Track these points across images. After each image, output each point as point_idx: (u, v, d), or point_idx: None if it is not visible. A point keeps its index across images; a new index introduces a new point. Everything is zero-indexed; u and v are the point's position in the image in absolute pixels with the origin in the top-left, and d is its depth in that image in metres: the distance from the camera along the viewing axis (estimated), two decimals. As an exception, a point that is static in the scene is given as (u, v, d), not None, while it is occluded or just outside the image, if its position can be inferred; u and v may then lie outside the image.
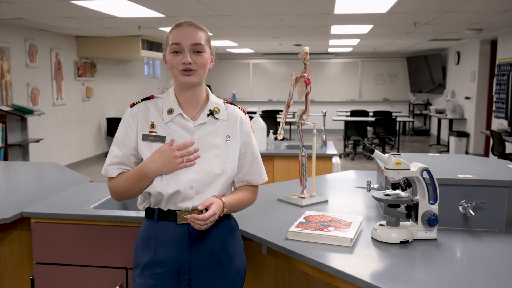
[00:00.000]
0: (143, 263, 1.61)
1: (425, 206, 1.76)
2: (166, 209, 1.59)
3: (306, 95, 2.27)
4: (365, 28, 7.32)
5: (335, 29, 7.42)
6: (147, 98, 1.66)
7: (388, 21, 6.48)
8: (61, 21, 6.29)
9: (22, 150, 6.55)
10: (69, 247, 2.15)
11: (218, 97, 1.73)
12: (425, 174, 1.77)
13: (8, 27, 6.49)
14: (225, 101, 1.71)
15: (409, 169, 1.75)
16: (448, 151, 9.91)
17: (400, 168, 1.73)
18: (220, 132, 1.64)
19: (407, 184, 1.79)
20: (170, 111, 1.61)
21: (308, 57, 2.21)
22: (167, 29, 7.57)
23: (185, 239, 1.58)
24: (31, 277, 2.19)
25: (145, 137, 1.61)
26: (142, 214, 2.10)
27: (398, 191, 1.80)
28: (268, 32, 7.86)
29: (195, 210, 1.58)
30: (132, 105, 1.65)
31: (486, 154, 9.00)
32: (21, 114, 6.25)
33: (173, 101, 1.63)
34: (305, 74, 2.24)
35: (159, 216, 1.60)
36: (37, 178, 3.03)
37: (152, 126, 1.61)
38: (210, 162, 1.59)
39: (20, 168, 3.32)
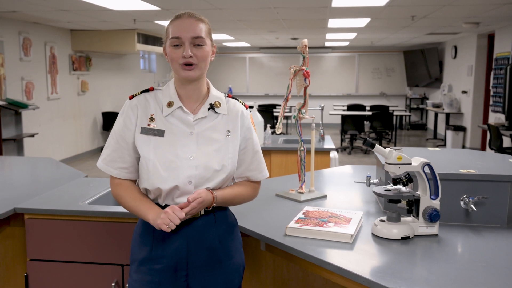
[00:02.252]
0: (140, 258, 1.57)
1: (426, 202, 1.73)
2: (163, 204, 1.56)
3: (305, 88, 2.24)
4: (362, 22, 7.28)
5: (332, 23, 7.37)
6: (147, 90, 1.62)
7: (386, 15, 6.45)
8: (56, 14, 6.22)
9: (16, 145, 6.49)
10: (63, 243, 2.11)
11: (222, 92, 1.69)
12: (427, 169, 1.74)
13: (2, 20, 6.41)
14: (226, 95, 1.67)
15: (411, 164, 1.72)
16: (445, 145, 9.91)
17: (401, 163, 1.70)
18: (220, 127, 1.60)
19: (408, 179, 1.76)
20: (170, 104, 1.57)
21: (307, 49, 2.17)
22: (163, 22, 7.52)
23: (183, 235, 1.55)
24: (25, 274, 2.15)
25: (144, 130, 1.56)
26: (138, 210, 2.06)
27: (399, 186, 1.78)
28: (264, 25, 7.80)
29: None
30: (131, 97, 1.60)
31: (483, 148, 9.01)
32: (15, 109, 6.18)
33: (173, 94, 1.59)
34: (304, 67, 2.20)
35: None
36: (32, 173, 2.99)
37: (151, 119, 1.56)
38: (210, 157, 1.55)
39: (14, 163, 3.27)
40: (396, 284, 1.36)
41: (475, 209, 1.83)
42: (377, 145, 1.71)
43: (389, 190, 1.77)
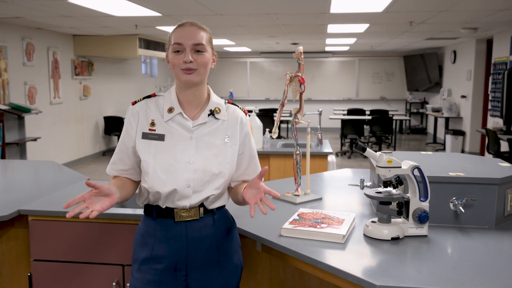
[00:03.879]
0: (141, 258, 1.64)
1: (416, 203, 1.79)
2: (164, 207, 1.62)
3: (301, 94, 2.30)
4: (361, 27, 7.35)
5: (332, 28, 7.44)
6: (149, 96, 1.69)
7: (384, 20, 6.52)
8: (58, 20, 6.30)
9: (19, 148, 6.56)
10: (66, 244, 2.17)
11: (222, 97, 1.76)
12: (416, 172, 1.80)
13: (5, 26, 6.50)
14: (226, 101, 1.73)
15: (400, 167, 1.78)
16: (444, 149, 9.96)
17: (391, 166, 1.76)
18: (219, 132, 1.66)
19: (399, 181, 1.82)
20: (170, 110, 1.64)
21: (302, 56, 2.24)
22: (164, 28, 7.57)
23: (182, 236, 1.61)
24: (29, 274, 2.21)
25: (145, 135, 1.62)
26: (138, 211, 2.13)
27: (389, 189, 1.84)
28: (264, 31, 7.88)
29: (192, 208, 1.61)
30: (134, 103, 1.68)
31: (482, 153, 9.06)
32: (18, 113, 6.26)
33: (174, 100, 1.65)
34: (299, 74, 2.27)
35: (157, 213, 1.63)
36: (35, 176, 3.05)
37: (152, 124, 1.63)
38: (208, 162, 1.61)
39: (18, 167, 3.34)
40: (384, 281, 1.42)
41: (463, 211, 1.89)
42: (368, 149, 1.77)
43: (380, 193, 1.83)
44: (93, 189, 1.47)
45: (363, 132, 9.39)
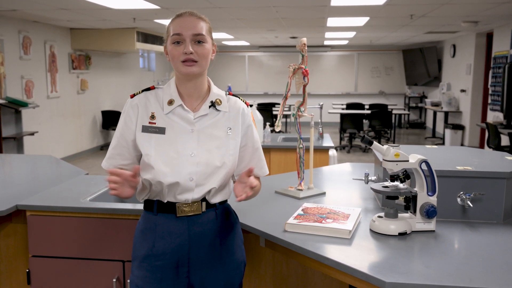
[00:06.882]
0: (142, 255, 1.60)
1: (423, 198, 1.75)
2: (166, 201, 1.58)
3: (304, 86, 2.26)
4: (361, 21, 7.30)
5: (331, 22, 7.39)
6: (148, 89, 1.65)
7: (385, 13, 6.47)
8: (55, 12, 6.23)
9: (16, 143, 6.51)
10: (65, 240, 2.14)
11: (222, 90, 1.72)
12: (424, 166, 1.76)
13: (1, 18, 6.42)
14: (227, 93, 1.69)
15: (408, 161, 1.74)
16: (443, 143, 9.94)
17: (399, 160, 1.73)
18: (221, 124, 1.62)
19: (406, 175, 1.78)
20: (170, 102, 1.59)
21: (306, 48, 2.19)
22: (162, 21, 7.52)
23: (184, 231, 1.57)
24: (27, 270, 2.18)
25: (145, 129, 1.58)
26: (138, 206, 2.09)
27: (396, 183, 1.80)
28: (263, 24, 7.82)
29: (194, 203, 1.57)
30: (133, 96, 1.63)
31: (481, 147, 9.04)
32: (15, 107, 6.20)
33: (174, 92, 1.61)
34: (303, 66, 2.23)
35: (158, 208, 1.59)
36: (32, 171, 3.01)
37: (152, 117, 1.59)
38: (211, 154, 1.58)
39: (15, 161, 3.29)
40: (393, 278, 1.38)
41: (471, 205, 1.86)
42: (375, 143, 1.74)
43: (386, 187, 1.79)
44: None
45: (362, 127, 9.36)
